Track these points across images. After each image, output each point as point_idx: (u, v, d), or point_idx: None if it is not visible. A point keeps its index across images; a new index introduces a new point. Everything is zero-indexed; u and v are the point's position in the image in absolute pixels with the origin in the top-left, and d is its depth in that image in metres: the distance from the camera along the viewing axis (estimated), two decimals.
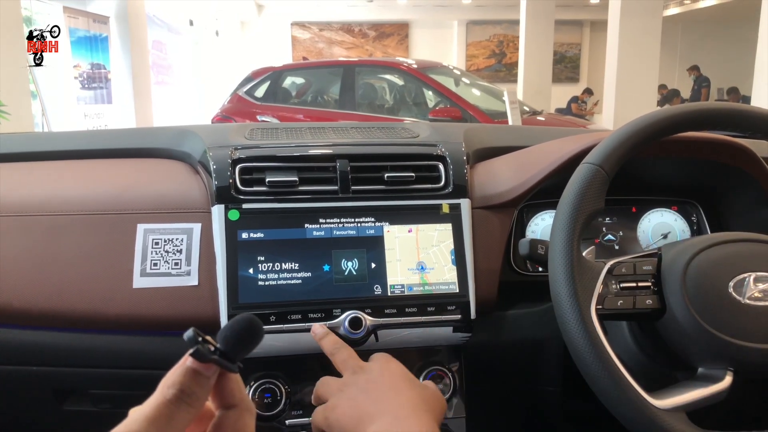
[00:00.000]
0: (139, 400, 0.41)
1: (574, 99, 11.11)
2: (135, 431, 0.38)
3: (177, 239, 0.90)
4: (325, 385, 0.73)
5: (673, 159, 1.00)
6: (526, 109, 6.04)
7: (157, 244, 0.90)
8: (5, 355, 0.90)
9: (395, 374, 0.68)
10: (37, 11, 7.03)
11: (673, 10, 12.29)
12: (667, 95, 9.80)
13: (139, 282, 0.88)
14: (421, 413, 0.61)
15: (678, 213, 1.09)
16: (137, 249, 0.89)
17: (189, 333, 0.39)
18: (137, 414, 0.39)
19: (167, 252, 0.90)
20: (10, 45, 4.50)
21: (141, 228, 0.91)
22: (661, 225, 1.08)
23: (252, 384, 0.89)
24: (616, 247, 1.07)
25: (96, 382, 0.92)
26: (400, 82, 6.61)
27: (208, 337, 0.41)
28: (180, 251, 0.90)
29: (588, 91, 11.24)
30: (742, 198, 1.02)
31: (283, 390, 0.89)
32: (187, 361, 0.40)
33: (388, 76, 6.79)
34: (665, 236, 1.07)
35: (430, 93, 6.17)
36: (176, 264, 0.89)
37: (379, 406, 0.62)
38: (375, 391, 0.64)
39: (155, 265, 0.89)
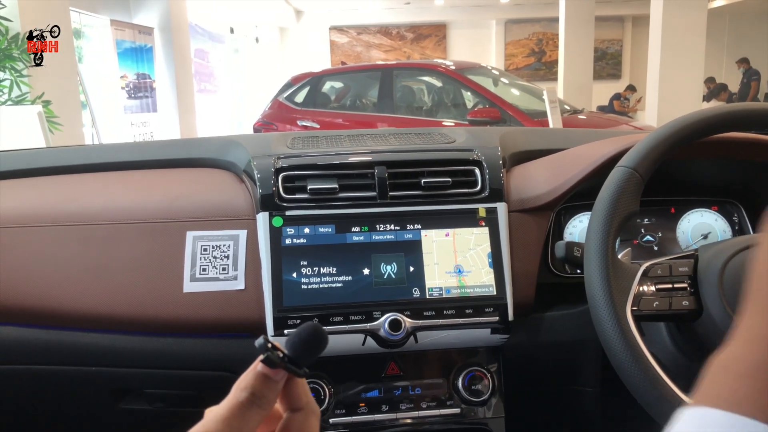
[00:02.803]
0: (191, 399, 0.43)
1: (617, 96, 10.90)
2: (212, 430, 0.40)
3: (224, 245, 0.94)
4: None
5: (712, 159, 0.99)
6: (567, 107, 5.96)
7: (205, 250, 0.94)
8: (66, 356, 0.96)
9: None
10: (86, 24, 7.27)
11: (718, 2, 11.95)
12: (714, 90, 9.52)
13: (189, 287, 0.92)
14: None
15: (718, 213, 1.08)
16: (187, 255, 0.94)
17: (260, 340, 0.42)
18: (213, 414, 0.41)
19: (215, 258, 0.94)
20: (61, 57, 4.68)
21: (190, 235, 0.95)
22: (700, 225, 1.07)
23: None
24: (655, 248, 1.07)
25: (150, 382, 0.97)
26: (439, 84, 6.61)
27: (278, 344, 0.44)
28: (227, 257, 0.94)
29: (631, 88, 11.02)
30: None
31: (327, 390, 0.93)
32: (258, 366, 0.43)
33: (426, 79, 6.80)
34: (705, 237, 1.06)
35: (469, 94, 6.15)
36: (224, 269, 0.93)
37: None
38: None
39: (204, 270, 0.93)
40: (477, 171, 1.00)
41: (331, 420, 0.93)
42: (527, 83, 6.91)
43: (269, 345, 0.42)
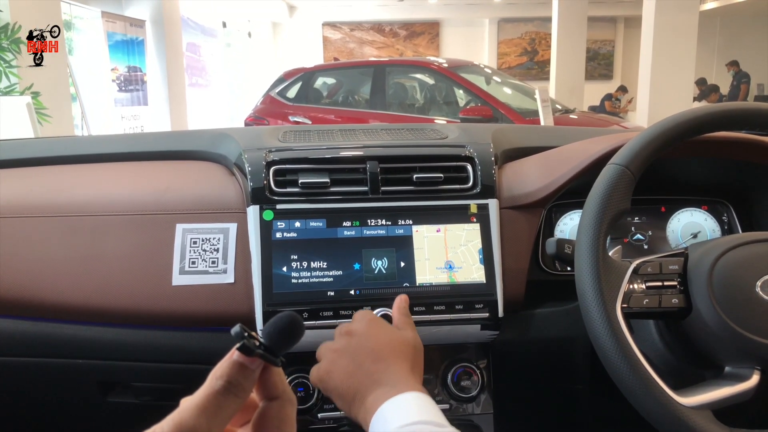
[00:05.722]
0: (179, 393, 0.43)
1: (608, 97, 10.95)
2: (187, 419, 0.40)
3: (214, 238, 0.94)
4: (320, 347, 0.77)
5: (703, 158, 0.99)
6: (558, 107, 5.98)
7: (195, 243, 0.94)
8: (54, 348, 0.95)
9: (379, 340, 0.72)
10: (77, 16, 7.21)
11: (710, 5, 12.01)
12: (705, 91, 9.58)
13: (178, 280, 0.92)
14: (408, 377, 0.67)
15: (708, 212, 1.08)
16: (176, 248, 0.93)
17: (236, 328, 0.42)
18: (188, 403, 0.41)
19: (205, 251, 0.93)
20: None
21: (180, 228, 0.94)
22: (690, 224, 1.08)
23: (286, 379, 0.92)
24: (645, 247, 1.07)
25: (138, 375, 0.96)
26: (431, 82, 6.60)
27: (254, 333, 0.43)
28: (217, 250, 0.93)
29: (622, 89, 11.07)
30: None
31: None
32: (234, 354, 0.43)
33: (418, 76, 6.79)
34: (695, 236, 1.07)
35: (461, 92, 6.15)
36: (213, 262, 0.93)
37: (372, 377, 0.67)
38: (366, 362, 0.69)
39: (193, 263, 0.92)
40: (469, 167, 1.00)
41: (319, 414, 0.93)
42: (519, 82, 6.92)
43: (245, 333, 0.42)
